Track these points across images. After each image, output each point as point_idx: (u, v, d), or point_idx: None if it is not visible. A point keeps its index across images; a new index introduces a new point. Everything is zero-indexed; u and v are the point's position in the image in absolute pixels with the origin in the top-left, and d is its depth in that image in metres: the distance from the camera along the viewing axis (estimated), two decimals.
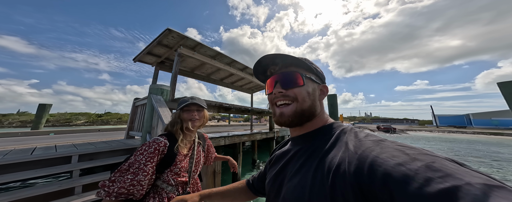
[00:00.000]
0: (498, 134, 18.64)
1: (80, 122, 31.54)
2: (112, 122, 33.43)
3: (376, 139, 0.26)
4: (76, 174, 1.73)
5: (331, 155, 0.27)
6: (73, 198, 1.52)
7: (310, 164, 0.29)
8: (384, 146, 0.23)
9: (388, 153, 0.21)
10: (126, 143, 2.52)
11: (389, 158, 0.20)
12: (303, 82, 0.35)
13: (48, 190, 1.45)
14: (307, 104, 0.35)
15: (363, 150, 0.24)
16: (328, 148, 0.29)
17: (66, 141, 3.15)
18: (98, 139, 3.66)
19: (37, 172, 1.53)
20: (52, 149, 2.05)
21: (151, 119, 2.32)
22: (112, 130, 7.38)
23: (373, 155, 0.22)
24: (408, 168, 0.17)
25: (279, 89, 0.36)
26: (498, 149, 9.42)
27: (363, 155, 0.23)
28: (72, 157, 1.83)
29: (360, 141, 0.27)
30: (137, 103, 3.21)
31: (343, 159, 0.25)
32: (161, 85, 2.52)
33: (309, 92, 0.35)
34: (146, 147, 0.68)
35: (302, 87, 0.35)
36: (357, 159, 0.23)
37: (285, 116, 0.35)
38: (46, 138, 4.13)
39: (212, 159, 1.05)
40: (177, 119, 0.80)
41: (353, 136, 0.29)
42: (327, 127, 0.35)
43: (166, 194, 0.71)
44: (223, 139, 3.66)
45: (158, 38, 3.01)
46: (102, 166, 1.98)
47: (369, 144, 0.25)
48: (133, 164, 0.63)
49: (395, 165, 0.19)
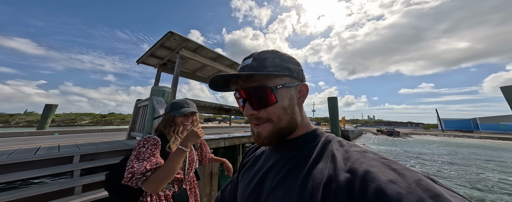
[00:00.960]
0: (506, 139, 18.07)
1: (84, 122, 32.04)
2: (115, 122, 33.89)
3: (360, 149, 0.25)
4: (76, 174, 1.76)
5: (320, 166, 0.25)
6: (72, 198, 1.54)
7: (296, 175, 0.26)
8: (369, 158, 0.22)
9: (377, 167, 0.20)
10: (127, 144, 2.55)
11: (380, 173, 0.19)
12: (276, 99, 0.28)
13: (48, 190, 1.47)
14: (284, 121, 0.29)
15: (352, 162, 0.23)
16: (315, 158, 0.27)
17: (69, 141, 3.21)
18: (101, 139, 3.72)
19: (39, 172, 1.56)
20: (55, 149, 2.09)
21: (152, 120, 2.36)
22: (115, 130, 7.48)
23: (364, 169, 0.21)
24: (400, 186, 0.17)
25: (250, 111, 0.29)
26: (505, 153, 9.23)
27: (353, 167, 0.22)
28: (74, 157, 1.87)
29: (346, 152, 0.25)
30: (139, 104, 3.27)
31: (333, 171, 0.23)
32: (163, 87, 2.57)
33: (285, 107, 0.29)
34: (144, 141, 0.70)
35: (276, 104, 0.28)
36: (347, 172, 0.22)
37: (262, 137, 0.30)
38: (51, 138, 4.21)
39: (207, 158, 1.06)
40: (170, 122, 0.81)
41: (338, 145, 0.28)
42: (310, 134, 0.31)
43: (162, 191, 0.72)
44: (223, 141, 3.66)
45: (161, 40, 3.09)
46: (103, 166, 2.00)
47: (356, 156, 0.23)
48: (140, 154, 0.65)
49: (387, 182, 0.18)
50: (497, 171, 5.68)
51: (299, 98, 0.31)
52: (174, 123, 0.82)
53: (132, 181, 0.59)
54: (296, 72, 0.31)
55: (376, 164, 0.21)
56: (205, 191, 1.37)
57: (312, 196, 0.22)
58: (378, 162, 0.21)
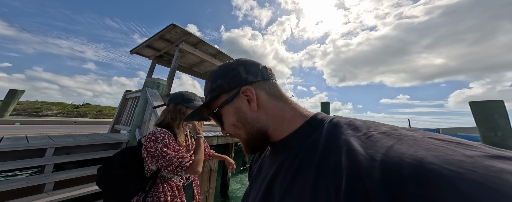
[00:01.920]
0: None
1: (52, 113, 28.24)
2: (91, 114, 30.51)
3: (386, 128, 0.18)
4: (48, 169, 1.53)
5: (331, 163, 0.18)
6: (41, 196, 1.33)
7: (303, 179, 0.20)
8: (410, 141, 0.15)
9: (434, 157, 0.12)
10: (111, 137, 2.32)
11: (446, 168, 0.11)
12: (219, 122, 0.30)
13: (14, 186, 1.26)
14: (243, 134, 0.28)
15: (383, 153, 0.15)
16: (322, 152, 0.20)
17: (37, 133, 2.80)
18: (76, 131, 3.32)
19: (3, 166, 1.33)
20: (22, 139, 1.80)
21: (143, 112, 2.19)
22: (90, 123, 6.74)
23: (411, 164, 0.13)
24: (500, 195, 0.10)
25: (222, 131, 0.31)
26: None
27: (388, 162, 0.14)
28: (47, 149, 1.63)
29: (367, 137, 0.18)
30: (128, 96, 3.02)
31: (354, 169, 0.16)
32: (158, 79, 2.42)
33: (233, 124, 0.28)
34: (161, 133, 0.69)
35: (225, 124, 0.30)
36: (382, 172, 0.14)
37: (244, 151, 0.31)
38: (12, 128, 3.63)
39: (207, 154, 1.05)
40: (181, 114, 0.80)
41: (351, 129, 0.21)
42: (310, 123, 0.25)
43: (174, 182, 0.73)
44: (216, 138, 3.55)
45: (161, 32, 2.94)
46: (78, 162, 1.78)
47: (384, 140, 0.16)
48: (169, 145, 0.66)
49: (471, 186, 0.10)
50: None
51: (251, 105, 0.27)
52: (184, 115, 0.80)
53: (181, 165, 0.64)
54: (227, 84, 0.28)
55: (428, 148, 0.13)
56: (203, 188, 1.31)
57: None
58: (427, 144, 0.14)
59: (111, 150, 2.09)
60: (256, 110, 0.27)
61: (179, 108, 0.80)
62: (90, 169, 1.68)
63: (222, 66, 0.30)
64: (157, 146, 0.65)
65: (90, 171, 1.64)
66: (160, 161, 0.63)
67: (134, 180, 0.66)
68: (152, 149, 0.64)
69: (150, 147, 0.65)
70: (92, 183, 1.58)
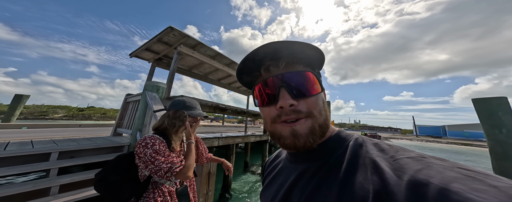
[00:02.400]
0: (468, 144, 20.65)
1: (58, 116, 28.88)
2: (95, 117, 31.12)
3: (414, 154, 0.19)
4: (53, 173, 1.58)
5: (358, 178, 0.19)
6: (47, 199, 1.38)
7: (327, 190, 0.21)
8: (439, 168, 0.16)
9: (460, 183, 0.14)
10: (113, 141, 2.37)
11: (470, 193, 0.13)
12: (321, 88, 0.25)
13: (21, 190, 1.31)
14: (324, 117, 0.25)
15: (411, 174, 0.16)
16: (348, 168, 0.21)
17: (42, 137, 2.88)
18: (80, 135, 3.40)
19: (9, 170, 1.38)
20: (28, 144, 1.86)
21: (143, 116, 2.23)
22: (95, 126, 6.87)
23: (437, 186, 0.14)
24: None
25: (289, 100, 0.23)
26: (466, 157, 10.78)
27: (416, 182, 0.15)
28: (51, 154, 1.68)
29: (394, 159, 0.19)
30: (129, 99, 3.07)
31: (381, 186, 0.17)
32: (157, 83, 2.45)
33: (324, 101, 0.26)
34: (152, 139, 0.69)
35: (319, 95, 0.25)
36: (408, 189, 0.15)
37: (303, 135, 0.23)
38: (18, 132, 3.73)
39: (204, 157, 1.05)
40: (180, 121, 0.80)
41: (377, 150, 0.21)
42: (335, 138, 0.26)
43: (166, 188, 0.73)
44: (216, 140, 3.59)
45: (159, 35, 2.95)
46: (83, 165, 1.83)
47: (413, 164, 0.17)
48: (159, 151, 0.67)
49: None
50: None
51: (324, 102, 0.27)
52: (183, 121, 0.80)
53: (170, 171, 0.64)
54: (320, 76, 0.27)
55: (456, 176, 0.14)
56: (202, 191, 1.34)
57: None
58: (455, 173, 0.15)
59: (114, 153, 2.14)
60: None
61: (179, 114, 0.80)
62: (94, 172, 1.72)
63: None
64: (147, 151, 0.65)
65: (92, 174, 1.68)
66: (149, 166, 0.64)
67: (129, 185, 0.67)
68: (141, 155, 0.65)
69: (140, 152, 0.66)
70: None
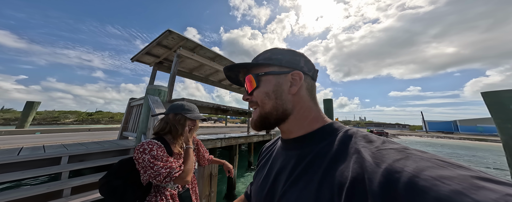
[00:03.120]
0: (482, 139, 19.70)
1: (69, 121, 30.15)
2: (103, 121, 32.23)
3: (398, 146, 0.20)
4: (65, 176, 1.66)
5: (340, 166, 0.21)
6: (61, 201, 1.46)
7: (311, 175, 0.23)
8: (417, 158, 0.17)
9: (431, 171, 0.14)
10: (120, 144, 2.45)
11: (438, 180, 0.13)
12: (256, 83, 0.31)
13: (35, 192, 1.39)
14: (268, 105, 0.30)
15: (389, 163, 0.17)
16: (334, 156, 0.23)
17: (54, 141, 3.02)
18: (89, 139, 3.54)
19: (24, 174, 1.46)
20: (40, 149, 1.96)
21: (147, 119, 2.29)
22: (103, 129, 7.12)
23: (409, 173, 0.15)
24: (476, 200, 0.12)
25: (245, 96, 0.34)
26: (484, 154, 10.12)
27: (391, 170, 0.16)
28: (61, 158, 1.76)
29: (378, 149, 0.20)
30: (133, 103, 3.16)
31: (359, 173, 0.18)
32: (159, 86, 2.51)
33: (267, 92, 0.30)
34: (150, 144, 0.70)
35: (259, 89, 0.31)
36: (383, 176, 0.16)
37: (253, 121, 0.32)
38: (32, 137, 3.93)
39: (205, 159, 1.06)
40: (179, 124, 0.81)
41: (365, 141, 0.23)
42: (326, 128, 0.28)
43: (168, 191, 0.74)
44: (219, 141, 3.64)
45: (158, 39, 3.01)
46: (92, 168, 1.91)
47: (394, 155, 0.18)
48: (157, 157, 0.68)
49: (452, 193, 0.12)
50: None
51: (291, 87, 0.30)
52: (183, 125, 0.81)
53: (169, 176, 0.66)
54: (285, 61, 0.31)
55: (429, 165, 0.15)
56: (204, 192, 1.36)
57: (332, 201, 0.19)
58: (430, 163, 0.16)
59: (120, 156, 2.21)
60: (292, 94, 0.30)
61: (179, 118, 0.81)
62: (102, 175, 1.79)
63: (287, 49, 0.33)
64: (145, 157, 0.66)
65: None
66: (148, 171, 0.64)
67: (132, 189, 0.68)
68: (140, 160, 0.66)
69: (138, 158, 0.67)
70: None
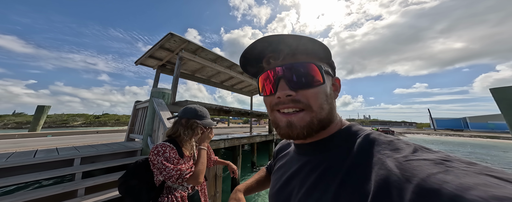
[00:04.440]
0: (494, 137, 18.92)
1: (77, 123, 31.15)
2: (110, 123, 33.11)
3: (435, 156, 0.16)
4: (78, 177, 1.75)
5: (360, 176, 0.18)
6: (76, 200, 1.54)
7: (326, 185, 0.20)
8: (460, 173, 0.13)
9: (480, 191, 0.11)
10: (127, 146, 2.54)
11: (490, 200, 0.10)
12: (323, 79, 0.24)
13: (52, 193, 1.47)
14: (326, 111, 0.24)
15: (421, 178, 0.14)
16: (352, 165, 0.20)
17: (65, 143, 3.16)
18: (98, 141, 3.67)
19: (40, 175, 1.55)
20: (53, 151, 2.07)
21: (152, 122, 2.37)
22: (110, 131, 7.34)
23: (450, 192, 0.12)
24: None
25: (287, 91, 0.23)
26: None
27: (425, 187, 0.13)
28: (74, 159, 1.86)
29: (407, 160, 0.16)
30: (138, 106, 3.25)
31: (383, 188, 0.15)
32: (163, 89, 2.58)
33: (327, 94, 0.24)
34: (163, 147, 0.74)
35: (321, 87, 0.24)
36: (415, 193, 0.13)
37: (297, 127, 0.23)
38: (44, 140, 4.11)
39: (212, 160, 1.09)
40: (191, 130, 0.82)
41: (390, 149, 0.19)
42: (344, 132, 0.25)
43: (179, 193, 0.77)
44: (223, 142, 3.69)
45: (160, 42, 3.09)
46: (103, 169, 2.00)
47: (429, 168, 0.14)
48: (170, 159, 0.71)
49: None
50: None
51: (334, 93, 0.27)
52: (195, 131, 0.84)
53: (181, 177, 0.69)
54: (333, 62, 0.28)
55: (478, 182, 0.12)
56: (210, 192, 1.41)
57: None
58: (479, 179, 0.12)
59: (128, 157, 2.30)
60: (334, 99, 0.26)
61: (191, 124, 0.82)
62: (113, 175, 1.87)
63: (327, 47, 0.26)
64: (159, 159, 0.70)
65: (112, 177, 1.83)
66: (163, 173, 0.68)
67: (146, 190, 0.73)
68: (155, 162, 0.70)
69: (153, 159, 0.71)
70: (116, 188, 1.78)
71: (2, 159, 1.65)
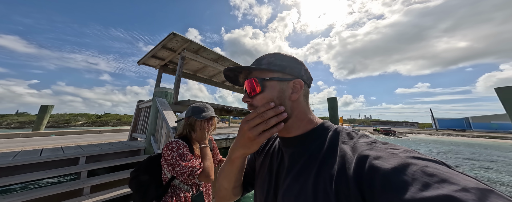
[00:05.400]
0: (498, 137, 18.66)
1: (79, 123, 31.39)
2: (111, 122, 33.32)
3: (369, 140, 0.26)
4: (84, 175, 1.77)
5: (330, 160, 0.26)
6: (82, 198, 1.56)
7: (309, 171, 0.27)
8: (378, 148, 0.23)
9: (383, 156, 0.21)
10: (130, 145, 2.57)
11: (385, 162, 0.20)
12: (261, 88, 0.32)
13: (59, 191, 1.49)
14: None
15: (358, 153, 0.23)
16: (325, 153, 0.28)
17: (69, 143, 3.19)
18: (101, 140, 3.70)
19: (47, 173, 1.58)
20: (59, 150, 2.09)
21: (155, 121, 2.38)
22: (112, 131, 7.40)
23: (370, 159, 0.21)
24: (405, 173, 0.17)
25: (245, 98, 0.34)
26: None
27: (359, 158, 0.22)
28: (79, 158, 1.88)
29: (354, 143, 0.26)
30: (141, 105, 3.28)
31: (342, 164, 0.24)
32: (165, 89, 2.59)
33: (271, 97, 0.32)
34: (177, 143, 0.76)
35: (263, 94, 0.32)
36: (355, 164, 0.22)
37: None
38: (48, 139, 4.16)
39: (217, 161, 1.10)
40: (191, 127, 0.85)
41: (347, 137, 0.29)
42: (318, 129, 0.32)
43: (183, 193, 0.78)
44: (224, 141, 3.70)
45: (163, 41, 3.11)
46: (108, 168, 2.02)
47: (363, 146, 0.24)
48: (183, 155, 0.73)
49: (392, 170, 0.18)
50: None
51: (292, 94, 0.32)
52: (193, 126, 0.85)
53: (192, 174, 0.70)
54: (289, 69, 0.33)
55: (383, 153, 0.21)
56: (213, 192, 1.42)
57: (326, 191, 0.23)
58: (386, 152, 0.21)
59: (132, 156, 2.32)
60: (293, 100, 0.33)
61: (190, 121, 0.86)
62: (117, 174, 1.90)
63: (290, 57, 0.35)
64: (173, 155, 0.72)
65: (117, 176, 1.86)
66: (175, 169, 0.70)
67: (155, 187, 0.74)
68: (169, 158, 0.72)
69: (167, 155, 0.72)
70: (120, 187, 1.80)
71: (8, 158, 1.68)
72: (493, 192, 0.15)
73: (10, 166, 1.53)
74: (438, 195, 0.14)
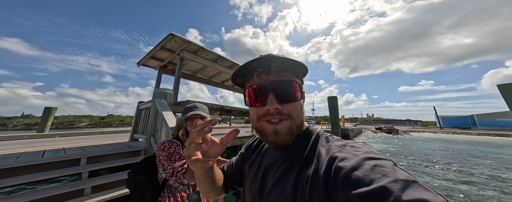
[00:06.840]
0: (504, 135, 18.24)
1: (83, 124, 31.87)
2: (115, 124, 33.76)
3: (341, 143, 0.29)
4: (85, 176, 1.80)
5: (309, 162, 0.28)
6: (83, 199, 1.58)
7: (291, 173, 0.29)
8: (345, 151, 0.26)
9: (347, 158, 0.23)
10: (131, 146, 2.59)
11: (346, 162, 0.23)
12: (301, 96, 0.31)
13: (60, 191, 1.52)
14: (300, 119, 0.32)
15: (330, 155, 0.26)
16: (306, 156, 0.29)
17: (72, 144, 3.24)
18: (103, 141, 3.75)
19: (49, 174, 1.60)
20: (61, 151, 2.12)
21: (155, 122, 2.40)
22: (115, 132, 7.49)
23: (337, 161, 0.24)
24: (359, 171, 0.21)
25: (275, 105, 0.29)
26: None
27: (329, 160, 0.25)
28: (81, 159, 1.90)
29: (330, 146, 0.29)
30: (141, 106, 3.30)
31: (317, 165, 0.26)
32: (165, 89, 2.61)
33: (301, 105, 0.32)
34: (169, 143, 0.76)
35: (299, 101, 0.31)
36: (326, 165, 0.25)
37: (283, 134, 0.29)
38: (52, 141, 4.23)
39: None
40: (181, 124, 0.86)
41: (325, 141, 0.31)
42: (304, 133, 0.33)
43: (178, 193, 0.78)
44: None
45: (161, 42, 3.12)
46: (109, 168, 2.04)
47: (334, 149, 0.27)
48: (172, 155, 0.73)
49: (351, 169, 0.21)
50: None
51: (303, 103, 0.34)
52: (180, 126, 0.86)
53: (175, 174, 0.70)
54: (301, 77, 0.34)
55: (348, 155, 0.24)
56: None
57: (303, 190, 0.26)
58: (350, 153, 0.24)
59: (133, 157, 2.34)
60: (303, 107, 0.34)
61: (180, 120, 0.88)
62: (118, 174, 1.91)
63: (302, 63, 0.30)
64: (162, 154, 0.73)
65: (117, 176, 1.87)
66: (162, 167, 0.71)
67: (152, 186, 0.75)
68: (160, 157, 0.73)
69: (159, 155, 0.74)
70: (121, 187, 1.82)
71: (12, 159, 1.71)
72: (416, 182, 0.18)
73: (13, 167, 1.56)
74: (376, 187, 0.18)
